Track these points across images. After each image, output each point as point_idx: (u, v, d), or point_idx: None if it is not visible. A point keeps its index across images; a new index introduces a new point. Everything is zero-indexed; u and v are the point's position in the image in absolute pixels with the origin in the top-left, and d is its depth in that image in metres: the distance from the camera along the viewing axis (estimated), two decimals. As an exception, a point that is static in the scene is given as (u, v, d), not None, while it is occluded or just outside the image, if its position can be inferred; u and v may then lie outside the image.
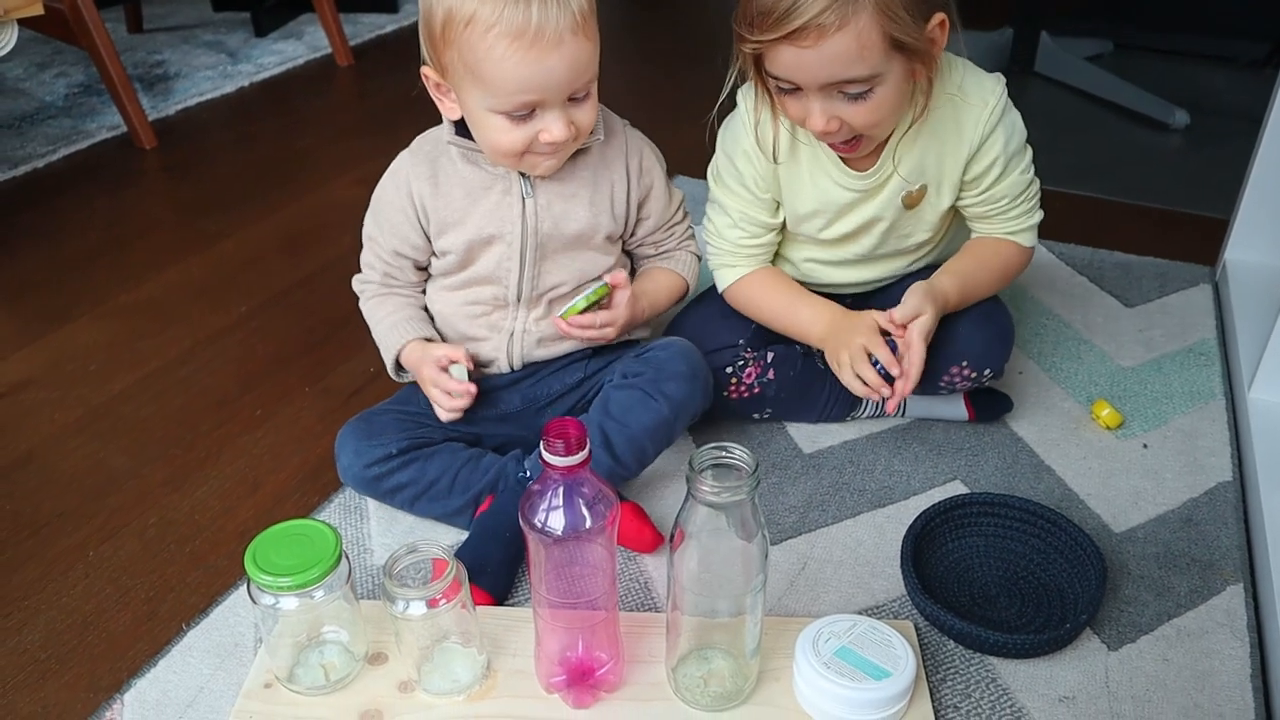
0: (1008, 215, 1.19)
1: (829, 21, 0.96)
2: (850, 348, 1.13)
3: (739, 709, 0.91)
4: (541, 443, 0.77)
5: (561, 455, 0.77)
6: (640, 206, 1.16)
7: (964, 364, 1.18)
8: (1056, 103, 2.35)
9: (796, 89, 1.04)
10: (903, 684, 0.88)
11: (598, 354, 1.20)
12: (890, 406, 1.14)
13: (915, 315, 1.11)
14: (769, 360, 1.24)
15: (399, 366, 1.16)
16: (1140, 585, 1.07)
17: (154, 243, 1.78)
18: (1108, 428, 1.28)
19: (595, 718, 0.90)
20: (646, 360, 1.14)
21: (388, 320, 1.16)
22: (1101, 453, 1.25)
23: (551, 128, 1.00)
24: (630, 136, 1.15)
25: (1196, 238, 1.72)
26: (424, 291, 1.19)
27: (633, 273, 1.22)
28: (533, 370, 1.18)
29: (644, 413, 1.09)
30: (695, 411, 1.15)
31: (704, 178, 1.24)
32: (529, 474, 1.10)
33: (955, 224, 1.25)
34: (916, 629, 1.01)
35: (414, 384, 1.17)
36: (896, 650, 0.90)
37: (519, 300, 1.13)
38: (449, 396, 1.10)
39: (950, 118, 1.13)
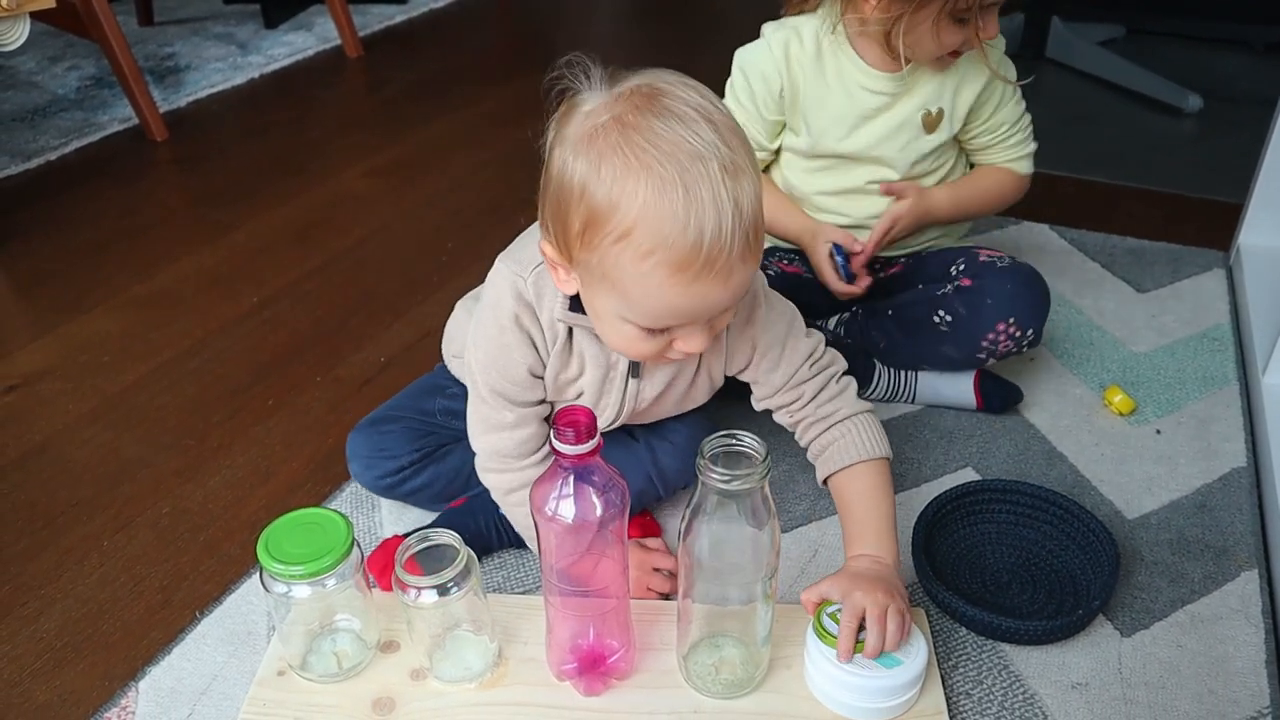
0: (1008, 143, 1.30)
1: None
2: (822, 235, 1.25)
3: (750, 696, 0.91)
4: (552, 430, 0.77)
5: (572, 443, 0.77)
6: (745, 367, 1.01)
7: (1010, 320, 1.18)
8: (1068, 88, 2.33)
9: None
10: (914, 671, 0.88)
11: None
12: (860, 286, 1.24)
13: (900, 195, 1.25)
14: None
15: None
16: (1154, 571, 1.06)
17: (166, 234, 1.79)
18: (1120, 414, 1.27)
19: (607, 705, 0.91)
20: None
21: None
22: (1114, 439, 1.25)
23: (690, 341, 0.85)
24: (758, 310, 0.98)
25: (1209, 223, 1.71)
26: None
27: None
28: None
29: (636, 478, 1.05)
30: (680, 486, 1.11)
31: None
32: None
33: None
34: (928, 616, 1.00)
35: (424, 384, 1.16)
36: (908, 637, 0.90)
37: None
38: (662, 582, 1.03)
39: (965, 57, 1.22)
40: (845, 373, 1.03)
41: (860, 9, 1.17)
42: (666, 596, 1.02)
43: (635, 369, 0.97)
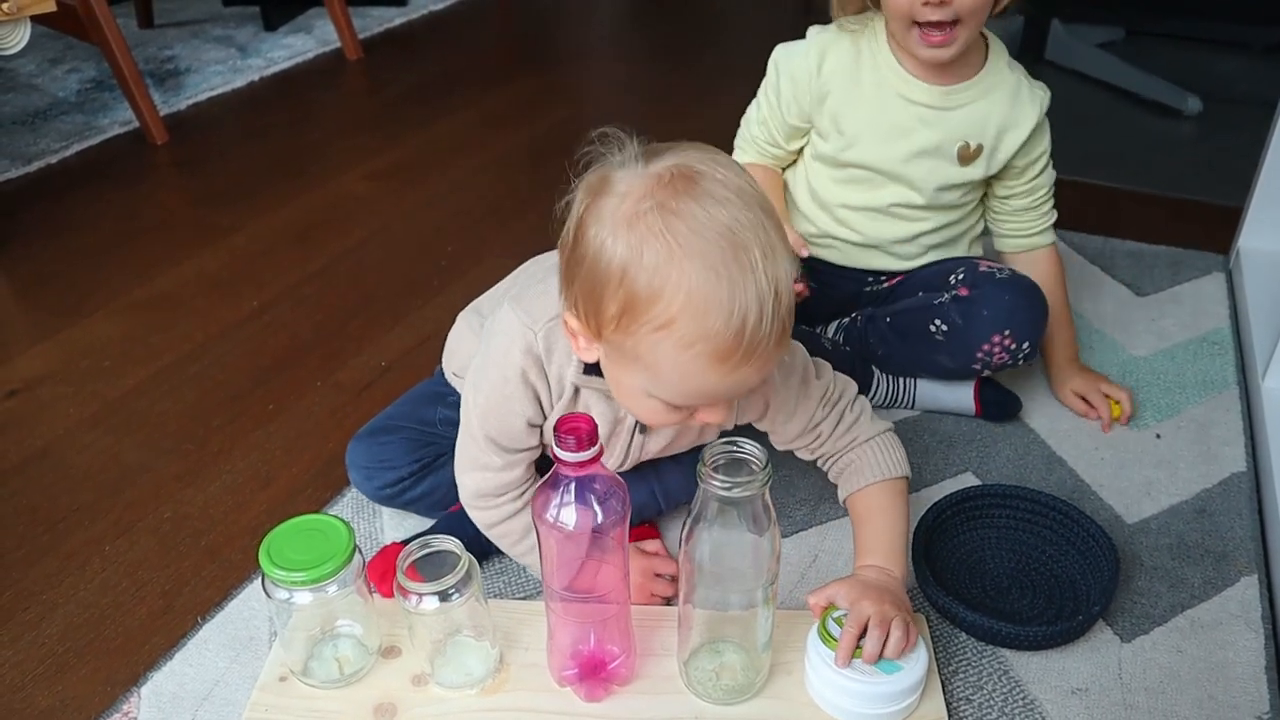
0: (1042, 210, 1.30)
1: None
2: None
3: (751, 702, 0.91)
4: (553, 437, 0.77)
5: (573, 451, 0.77)
6: (761, 418, 1.00)
7: (1006, 333, 1.18)
8: (1067, 90, 2.32)
9: None
10: (915, 677, 0.88)
11: None
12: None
13: None
14: None
15: None
16: (1153, 577, 1.07)
17: (166, 237, 1.79)
18: (1115, 418, 1.27)
19: (607, 711, 0.91)
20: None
21: None
22: (1114, 444, 1.25)
23: (714, 414, 0.84)
24: None
25: (1209, 226, 1.71)
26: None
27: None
28: None
29: (638, 492, 1.05)
30: (682, 502, 1.10)
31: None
32: None
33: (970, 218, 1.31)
34: (928, 621, 1.01)
35: (424, 391, 1.16)
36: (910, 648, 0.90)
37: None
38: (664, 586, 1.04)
39: (1012, 90, 1.21)
40: (858, 394, 1.03)
41: None
42: (669, 601, 1.02)
43: (643, 426, 0.97)
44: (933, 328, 1.21)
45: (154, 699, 0.95)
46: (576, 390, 0.93)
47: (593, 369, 0.89)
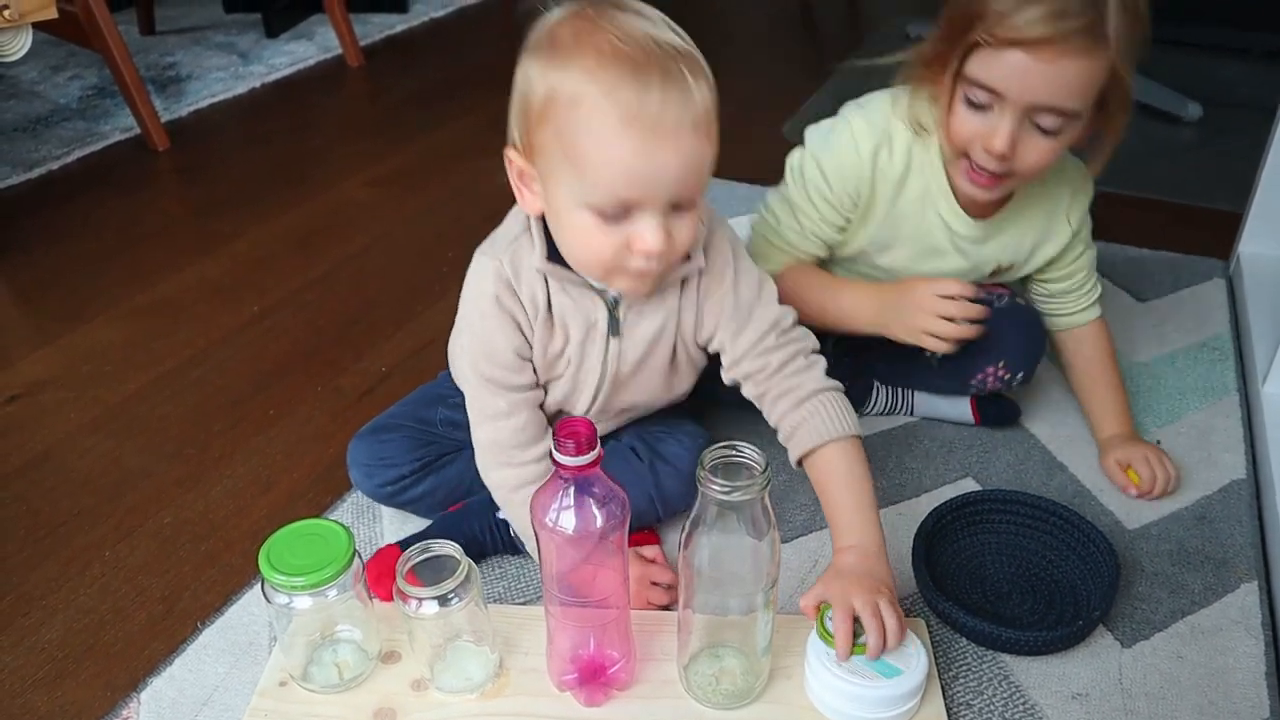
0: (1082, 291, 1.24)
1: (1080, 44, 0.94)
2: (922, 312, 1.11)
3: (751, 707, 0.91)
4: (552, 442, 0.77)
5: (572, 455, 0.77)
6: (709, 337, 1.02)
7: (1000, 364, 1.18)
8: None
9: (990, 104, 1.00)
10: (915, 681, 0.88)
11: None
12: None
13: None
14: None
15: None
16: (1154, 582, 1.06)
17: (167, 243, 1.79)
18: (1135, 484, 1.18)
19: (607, 716, 0.91)
20: (655, 442, 1.08)
21: None
22: (1114, 449, 1.25)
23: (646, 235, 0.85)
24: (711, 248, 0.99)
25: (1210, 231, 1.71)
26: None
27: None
28: None
29: (637, 498, 1.03)
30: (679, 509, 1.09)
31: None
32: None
33: None
34: (928, 626, 1.01)
35: (427, 393, 1.17)
36: (908, 648, 0.90)
37: (588, 414, 1.06)
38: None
39: (1050, 209, 1.16)
40: (815, 351, 1.03)
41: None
42: (666, 607, 1.02)
43: (615, 326, 0.99)
44: (927, 354, 1.18)
45: (154, 704, 0.95)
46: (550, 307, 0.97)
47: (555, 257, 0.94)
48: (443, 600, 0.85)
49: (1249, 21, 2.55)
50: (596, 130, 0.81)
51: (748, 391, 1.03)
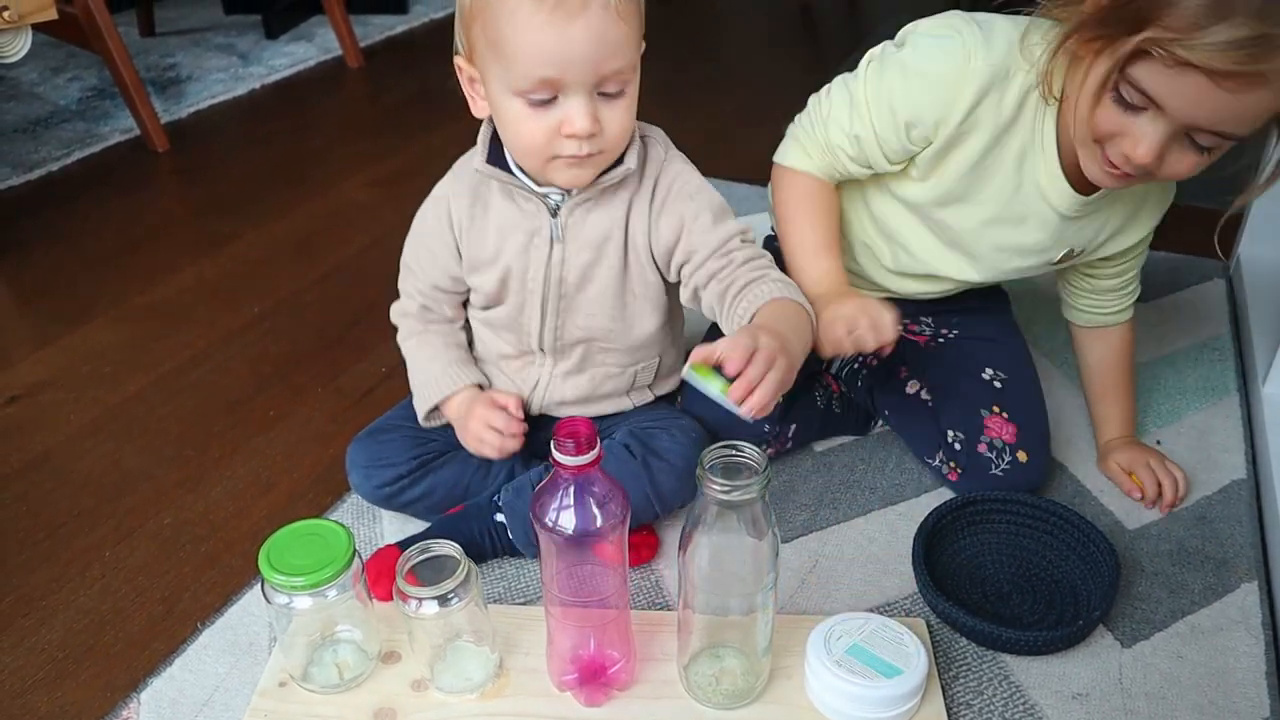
0: (1127, 290, 1.19)
1: (1272, 75, 0.82)
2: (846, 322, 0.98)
3: (751, 707, 0.91)
4: (552, 442, 0.78)
5: (572, 454, 0.77)
6: (668, 250, 1.01)
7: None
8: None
9: (1145, 107, 0.88)
10: (915, 681, 0.88)
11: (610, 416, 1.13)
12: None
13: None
14: (790, 433, 1.21)
15: (432, 411, 1.10)
16: (1154, 582, 1.06)
17: (167, 244, 1.79)
18: (1139, 488, 1.16)
19: (607, 716, 0.91)
20: (648, 438, 1.07)
21: (433, 364, 1.10)
22: (1114, 449, 1.25)
23: (574, 117, 0.89)
24: (665, 167, 1.01)
25: (1209, 232, 1.70)
26: (466, 325, 1.14)
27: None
28: (546, 424, 1.10)
29: (633, 495, 1.02)
30: (676, 506, 1.09)
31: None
32: (500, 503, 1.07)
33: None
34: (928, 626, 1.01)
35: None
36: (908, 648, 0.90)
37: (544, 350, 1.07)
38: (498, 435, 1.03)
39: (1141, 194, 1.10)
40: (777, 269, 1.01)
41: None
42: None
43: (558, 232, 1.00)
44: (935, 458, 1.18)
45: (154, 705, 0.95)
46: (490, 212, 1.03)
47: (495, 159, 1.00)
48: (443, 600, 0.85)
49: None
50: (511, 14, 0.87)
51: (709, 296, 1.00)
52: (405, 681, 0.93)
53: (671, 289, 1.06)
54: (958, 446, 1.14)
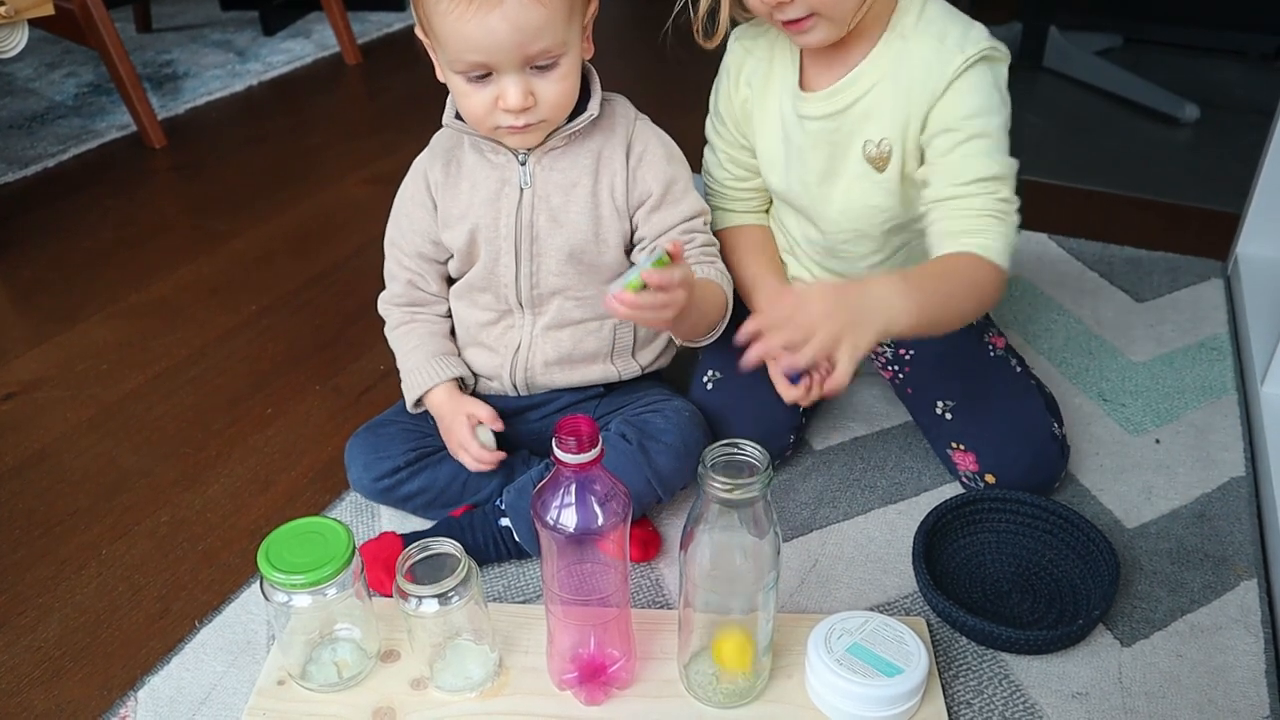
0: (971, 208, 0.98)
1: None
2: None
3: (751, 706, 0.91)
4: (554, 440, 0.77)
5: (573, 452, 0.77)
6: (641, 202, 1.06)
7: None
8: (1065, 98, 2.34)
9: None
10: (915, 680, 0.88)
11: (610, 393, 1.15)
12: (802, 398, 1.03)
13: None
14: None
15: (418, 401, 1.12)
16: (1153, 581, 1.06)
17: (164, 242, 1.79)
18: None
19: (607, 715, 0.91)
20: (643, 424, 1.08)
21: (415, 354, 1.12)
22: (1113, 448, 1.25)
23: (507, 94, 0.95)
24: (639, 126, 1.07)
25: (1208, 232, 1.71)
26: (450, 313, 1.15)
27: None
28: (537, 404, 1.14)
29: (634, 481, 1.04)
30: (678, 487, 1.10)
31: (700, 171, 1.21)
32: (503, 506, 1.07)
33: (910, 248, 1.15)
34: (929, 625, 1.00)
35: None
36: (908, 647, 0.90)
37: (521, 304, 1.09)
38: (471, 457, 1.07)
39: (920, 64, 0.99)
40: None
41: None
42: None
43: (526, 178, 1.04)
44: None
45: (151, 703, 0.95)
46: (463, 166, 1.07)
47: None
48: (443, 599, 0.85)
49: (1246, 23, 2.55)
50: (436, 3, 0.92)
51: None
52: (405, 680, 0.93)
53: None
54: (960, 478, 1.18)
